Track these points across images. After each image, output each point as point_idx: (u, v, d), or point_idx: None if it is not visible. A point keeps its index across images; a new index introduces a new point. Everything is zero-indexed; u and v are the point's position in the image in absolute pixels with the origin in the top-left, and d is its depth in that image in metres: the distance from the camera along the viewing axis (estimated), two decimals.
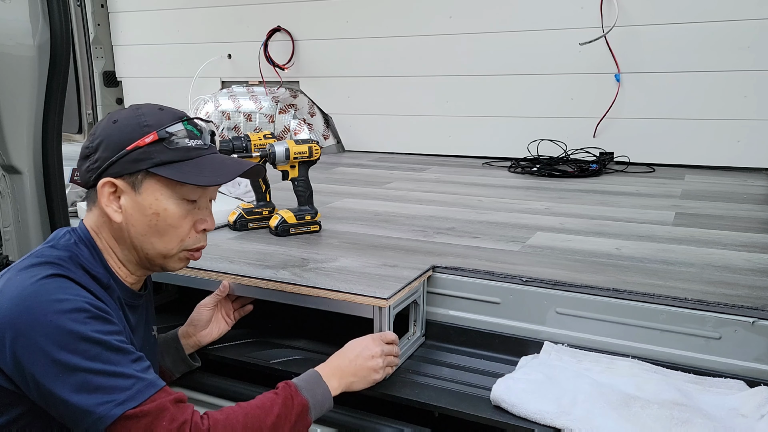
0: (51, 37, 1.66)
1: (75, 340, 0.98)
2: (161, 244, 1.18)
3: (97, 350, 0.99)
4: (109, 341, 1.01)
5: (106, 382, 0.99)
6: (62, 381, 0.98)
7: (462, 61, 3.47)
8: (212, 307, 1.50)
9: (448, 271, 1.58)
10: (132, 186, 1.14)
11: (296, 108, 3.79)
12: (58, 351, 0.98)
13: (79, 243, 1.15)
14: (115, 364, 1.00)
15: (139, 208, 1.15)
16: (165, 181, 1.15)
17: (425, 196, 2.50)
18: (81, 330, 0.99)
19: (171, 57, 4.29)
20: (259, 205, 1.98)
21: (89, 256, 1.15)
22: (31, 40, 1.63)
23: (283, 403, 1.12)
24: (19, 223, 1.74)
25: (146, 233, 1.16)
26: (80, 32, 4.18)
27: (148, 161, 1.13)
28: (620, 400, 1.21)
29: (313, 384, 1.21)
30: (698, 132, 3.05)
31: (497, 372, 1.39)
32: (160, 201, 1.15)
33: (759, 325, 1.31)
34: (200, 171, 1.16)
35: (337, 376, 1.25)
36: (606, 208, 2.28)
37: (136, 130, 1.13)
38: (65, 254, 1.11)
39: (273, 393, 1.15)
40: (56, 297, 1.01)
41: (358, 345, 1.30)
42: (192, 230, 1.20)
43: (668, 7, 2.98)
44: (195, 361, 1.49)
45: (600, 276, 1.53)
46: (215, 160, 1.21)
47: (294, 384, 1.18)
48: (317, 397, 1.19)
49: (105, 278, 1.15)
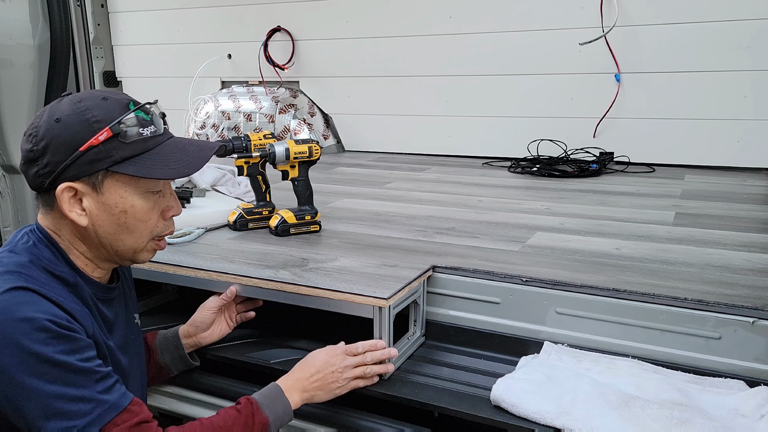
0: (51, 37, 1.66)
1: (36, 362, 0.96)
2: (131, 239, 1.15)
3: (57, 372, 0.97)
4: (70, 362, 0.98)
5: (66, 407, 0.97)
6: (27, 403, 0.96)
7: (462, 61, 3.47)
8: (216, 310, 1.50)
9: (448, 271, 1.58)
10: (93, 187, 1.08)
11: (296, 108, 3.79)
12: (20, 371, 0.95)
13: (39, 244, 1.10)
14: (77, 386, 0.98)
15: (104, 208, 1.10)
16: (127, 178, 1.10)
17: (425, 196, 2.50)
18: (42, 351, 0.96)
19: (171, 57, 4.29)
20: (259, 205, 1.98)
21: (51, 257, 1.10)
22: (31, 40, 1.64)
23: (244, 423, 1.13)
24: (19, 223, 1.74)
25: (115, 232, 1.12)
26: (80, 32, 4.16)
27: (107, 160, 1.07)
28: (620, 400, 1.21)
29: (275, 400, 1.21)
30: (698, 132, 3.04)
31: (497, 372, 1.39)
32: (126, 198, 1.11)
33: (759, 325, 1.30)
34: (164, 162, 1.12)
35: (299, 389, 1.25)
36: (606, 208, 2.28)
37: (85, 128, 1.06)
38: (25, 259, 1.06)
39: (235, 410, 1.15)
40: (18, 315, 0.96)
41: (320, 360, 1.29)
42: (160, 219, 1.18)
43: (668, 7, 2.98)
44: (194, 360, 1.49)
45: (600, 276, 1.53)
46: (175, 148, 1.15)
47: (256, 401, 1.18)
48: (278, 413, 1.19)
49: (71, 277, 1.11)
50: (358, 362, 1.31)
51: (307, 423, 1.35)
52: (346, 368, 1.29)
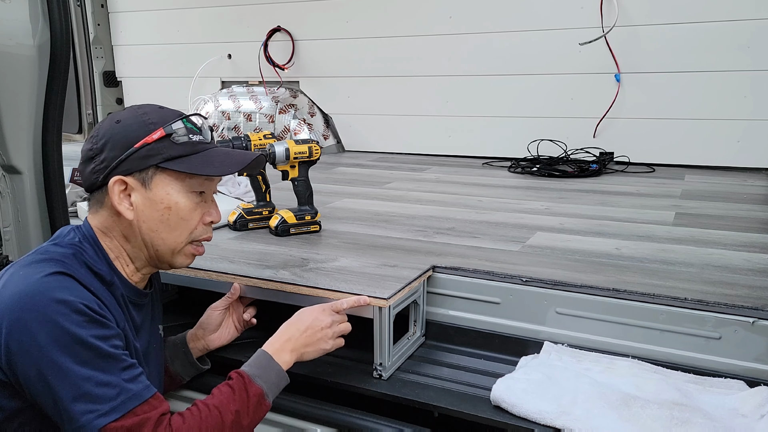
0: (51, 37, 1.66)
1: (70, 342, 0.99)
2: (171, 238, 1.20)
3: (88, 355, 1.00)
4: (101, 347, 1.02)
5: (93, 390, 0.99)
6: (54, 380, 0.99)
7: (462, 61, 3.47)
8: (223, 310, 1.50)
9: (448, 271, 1.58)
10: (142, 183, 1.16)
11: (296, 108, 3.79)
12: (54, 349, 0.99)
13: (83, 241, 1.17)
14: (104, 371, 1.01)
15: (151, 203, 1.17)
16: (175, 175, 1.18)
17: (425, 196, 2.50)
18: (77, 332, 1.00)
19: (171, 57, 4.29)
20: (259, 205, 1.98)
21: (93, 254, 1.16)
22: (31, 40, 1.63)
23: (239, 398, 1.13)
24: (19, 223, 1.74)
25: (157, 228, 1.18)
26: (80, 32, 4.18)
27: (158, 156, 1.15)
28: (620, 400, 1.21)
29: (265, 367, 1.21)
30: (698, 132, 3.05)
31: (497, 372, 1.39)
32: (171, 195, 1.18)
33: (759, 325, 1.30)
34: (209, 163, 1.20)
35: (288, 348, 1.26)
36: (606, 208, 2.28)
37: (141, 127, 1.16)
38: (69, 251, 1.12)
39: (227, 387, 1.15)
40: (58, 296, 1.01)
41: (309, 316, 1.30)
42: (200, 222, 1.24)
43: (668, 7, 2.98)
44: (204, 363, 1.49)
45: (600, 276, 1.53)
46: (220, 153, 1.25)
47: (246, 373, 1.18)
48: (272, 380, 1.20)
49: (108, 275, 1.16)
50: (343, 319, 1.34)
51: (307, 423, 1.35)
52: (334, 323, 1.31)
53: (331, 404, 1.36)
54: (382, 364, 1.39)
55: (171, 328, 1.70)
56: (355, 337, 1.36)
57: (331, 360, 1.47)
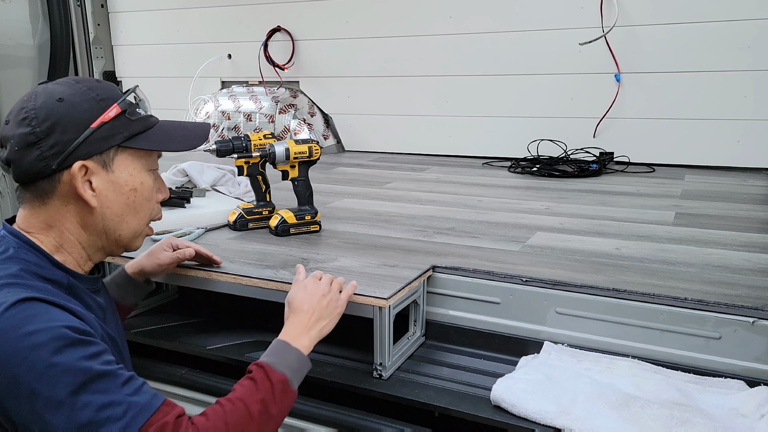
0: (51, 37, 1.66)
1: (58, 373, 0.89)
2: (136, 221, 1.13)
3: (80, 380, 0.90)
4: (92, 368, 0.91)
5: (97, 416, 0.89)
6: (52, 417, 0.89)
7: (462, 61, 3.47)
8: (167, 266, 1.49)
9: (448, 271, 1.58)
10: (103, 165, 1.06)
11: (296, 108, 3.79)
12: (42, 385, 0.89)
13: (19, 250, 1.03)
14: (103, 392, 0.91)
15: (115, 187, 1.08)
16: (136, 154, 1.10)
17: (425, 196, 2.50)
18: (60, 361, 0.89)
19: (171, 57, 4.29)
20: (259, 205, 1.98)
21: (38, 261, 1.04)
22: (31, 40, 1.63)
23: (263, 388, 1.07)
24: None
25: (122, 212, 1.10)
26: (80, 32, 4.16)
27: (119, 136, 1.07)
28: (620, 400, 1.21)
29: (284, 354, 1.16)
30: (698, 132, 3.05)
31: (497, 372, 1.39)
32: (135, 176, 1.10)
33: (759, 325, 1.31)
34: (171, 137, 1.14)
35: (304, 333, 1.21)
36: (606, 208, 2.28)
37: (93, 105, 1.05)
38: (15, 268, 0.99)
39: (249, 380, 1.09)
40: (30, 329, 0.90)
41: (304, 294, 1.27)
42: (156, 202, 1.18)
43: (668, 7, 2.98)
44: (149, 284, 1.47)
45: (600, 276, 1.53)
46: (174, 125, 1.19)
47: (266, 363, 1.12)
48: (293, 366, 1.14)
49: (64, 279, 1.06)
50: (331, 277, 1.33)
51: (307, 423, 1.35)
52: (330, 286, 1.30)
53: (331, 404, 1.36)
54: (382, 364, 1.39)
55: (171, 328, 1.71)
56: (355, 337, 1.36)
57: (331, 360, 1.47)
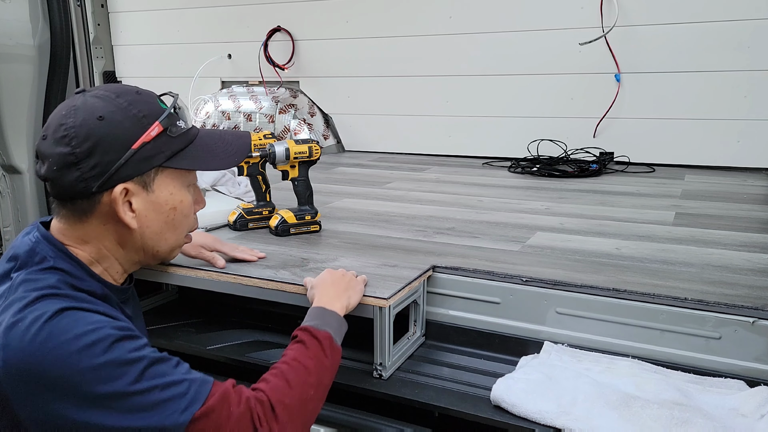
0: (51, 37, 1.66)
1: (113, 369, 0.90)
2: (174, 237, 1.14)
3: (138, 369, 0.91)
4: (147, 356, 0.93)
5: (161, 396, 0.91)
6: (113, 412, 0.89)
7: (462, 61, 3.47)
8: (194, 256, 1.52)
9: (448, 271, 1.58)
10: (143, 186, 1.05)
11: (296, 108, 3.79)
12: (98, 387, 0.89)
13: (57, 261, 1.02)
14: (162, 375, 0.93)
15: (155, 207, 1.08)
16: (175, 173, 1.09)
17: (425, 196, 2.50)
18: (114, 357, 0.90)
19: (171, 57, 4.29)
20: (259, 205, 1.98)
21: (75, 272, 1.03)
22: (31, 40, 1.64)
23: (313, 346, 1.11)
24: (19, 223, 1.74)
25: (162, 231, 1.10)
26: (80, 32, 4.16)
27: (160, 156, 1.05)
28: (620, 400, 1.21)
29: (323, 317, 1.20)
30: (698, 132, 3.04)
31: (497, 372, 1.39)
32: (175, 195, 1.10)
33: (759, 325, 1.30)
34: (212, 153, 1.13)
35: (335, 300, 1.26)
36: (606, 208, 2.28)
37: (134, 123, 1.03)
38: (53, 278, 0.99)
39: (298, 343, 1.13)
40: (74, 333, 0.90)
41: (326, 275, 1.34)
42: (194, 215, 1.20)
43: (668, 7, 2.98)
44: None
45: (600, 276, 1.53)
46: (213, 137, 1.18)
47: (309, 325, 1.16)
48: (334, 325, 1.19)
49: (100, 290, 1.06)
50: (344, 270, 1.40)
51: None
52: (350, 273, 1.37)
53: (331, 404, 1.35)
54: (382, 363, 1.39)
55: (171, 328, 1.71)
56: (355, 337, 1.36)
57: None
